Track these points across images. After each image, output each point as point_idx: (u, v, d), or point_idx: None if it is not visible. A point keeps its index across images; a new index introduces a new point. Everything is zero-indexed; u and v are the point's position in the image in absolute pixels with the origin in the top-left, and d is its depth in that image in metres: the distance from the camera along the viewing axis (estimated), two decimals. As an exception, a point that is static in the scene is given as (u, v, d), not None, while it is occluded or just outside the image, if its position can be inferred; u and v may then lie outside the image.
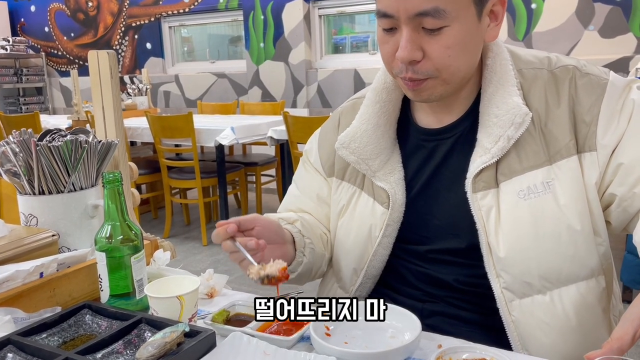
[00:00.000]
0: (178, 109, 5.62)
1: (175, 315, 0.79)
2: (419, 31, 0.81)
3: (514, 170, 0.86)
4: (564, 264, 0.84)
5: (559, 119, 0.85)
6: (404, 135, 1.00)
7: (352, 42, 5.06)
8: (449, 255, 0.93)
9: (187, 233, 4.05)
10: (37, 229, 0.93)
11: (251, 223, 0.89)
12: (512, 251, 0.85)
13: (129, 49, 5.98)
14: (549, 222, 0.84)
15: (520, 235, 0.85)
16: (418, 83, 0.85)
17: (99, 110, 1.05)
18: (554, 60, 0.91)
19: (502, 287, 0.87)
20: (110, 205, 0.84)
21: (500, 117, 0.86)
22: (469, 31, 0.83)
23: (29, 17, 6.67)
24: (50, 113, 6.62)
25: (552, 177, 0.84)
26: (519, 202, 0.85)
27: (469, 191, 0.88)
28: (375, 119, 0.98)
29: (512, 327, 0.87)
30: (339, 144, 0.99)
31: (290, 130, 3.31)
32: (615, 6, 3.75)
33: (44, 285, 0.84)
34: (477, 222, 0.87)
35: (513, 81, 0.88)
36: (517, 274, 0.85)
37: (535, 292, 0.85)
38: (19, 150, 0.92)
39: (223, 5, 5.32)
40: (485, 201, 0.87)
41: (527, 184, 0.85)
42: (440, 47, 0.81)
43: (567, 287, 0.85)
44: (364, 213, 0.99)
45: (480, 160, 0.87)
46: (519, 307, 0.86)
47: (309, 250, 0.97)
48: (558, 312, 0.85)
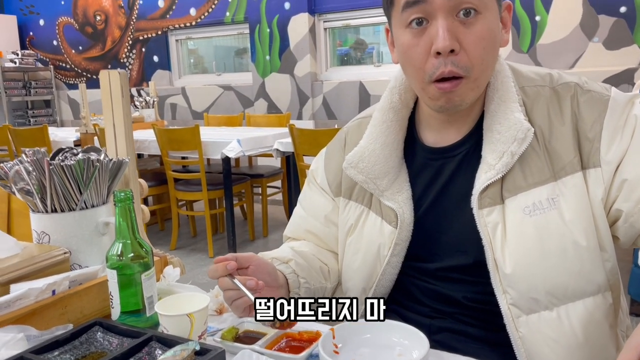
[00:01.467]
0: (184, 121, 5.66)
1: (185, 333, 0.80)
2: (454, 20, 0.82)
3: (519, 186, 0.86)
4: (570, 280, 0.84)
5: (563, 136, 0.86)
6: (410, 154, 1.01)
7: (357, 54, 5.09)
8: (457, 272, 0.94)
9: (194, 245, 4.06)
10: (49, 247, 0.94)
11: (247, 261, 0.89)
12: (518, 267, 0.85)
13: (137, 61, 6.04)
14: (554, 238, 0.84)
15: (526, 251, 0.85)
16: (454, 84, 0.85)
17: (110, 127, 1.06)
18: (556, 77, 0.92)
19: (508, 303, 0.87)
20: (121, 223, 0.86)
21: (503, 133, 0.87)
22: (496, 25, 0.86)
23: (37, 30, 6.75)
24: (58, 125, 6.68)
25: (557, 194, 0.85)
26: (524, 218, 0.85)
27: (474, 207, 0.88)
28: (382, 138, 0.98)
29: (519, 343, 0.87)
30: (346, 163, 1.00)
31: (296, 143, 3.33)
32: (620, 18, 3.76)
33: (56, 303, 0.85)
34: (484, 239, 0.88)
35: (515, 97, 0.89)
36: (523, 290, 0.85)
37: (542, 309, 0.85)
38: (32, 169, 0.94)
39: (229, 18, 5.38)
40: (491, 217, 0.87)
41: (533, 200, 0.85)
42: (475, 38, 0.82)
43: (574, 303, 0.85)
44: (372, 232, 0.99)
45: (486, 177, 0.87)
46: (526, 323, 0.86)
47: (304, 290, 0.97)
48: (565, 329, 0.85)
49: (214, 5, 5.43)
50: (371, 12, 4.73)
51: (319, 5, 4.89)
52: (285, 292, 0.96)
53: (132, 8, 5.94)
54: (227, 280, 0.86)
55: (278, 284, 0.94)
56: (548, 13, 3.97)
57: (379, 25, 4.85)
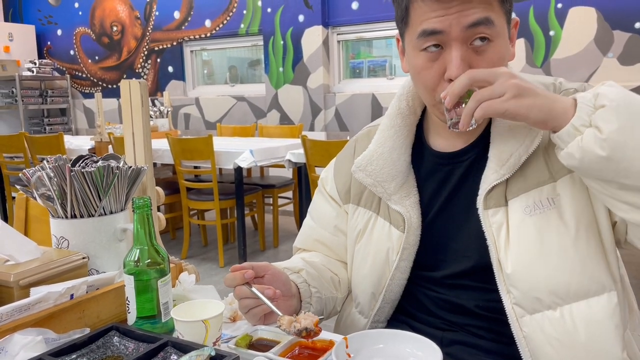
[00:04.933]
0: (198, 131, 5.71)
1: (200, 339, 0.81)
2: (467, 49, 0.85)
3: (521, 188, 0.88)
4: (572, 279, 0.84)
5: None
6: (418, 159, 1.02)
7: (370, 67, 5.11)
8: (465, 278, 0.95)
9: (205, 254, 4.08)
10: (68, 252, 0.96)
11: (263, 270, 0.91)
12: (519, 266, 0.86)
13: (151, 72, 6.11)
14: (554, 237, 0.85)
15: (526, 250, 0.86)
16: None
17: (129, 136, 1.08)
18: (558, 85, 0.95)
19: (512, 303, 0.88)
20: (139, 229, 0.87)
21: (512, 136, 0.89)
22: (506, 47, 0.89)
23: (55, 40, 6.87)
24: (74, 134, 6.77)
25: (557, 193, 0.86)
26: (525, 218, 0.87)
27: (480, 208, 0.90)
28: (390, 143, 1.00)
29: (523, 342, 0.87)
30: (355, 167, 1.02)
31: (308, 154, 3.34)
32: (635, 34, 3.76)
33: (74, 307, 0.86)
34: (488, 239, 0.89)
35: None
36: (526, 290, 0.86)
37: (545, 308, 0.86)
38: (53, 175, 0.96)
39: (244, 30, 5.44)
40: (496, 218, 0.89)
41: (533, 200, 0.87)
42: (487, 65, 0.85)
43: (578, 303, 0.85)
44: (380, 237, 1.00)
45: (493, 178, 0.89)
46: (530, 322, 0.87)
47: (315, 299, 0.99)
48: (568, 328, 0.85)
49: (229, 17, 5.50)
50: (384, 25, 4.76)
51: (332, 18, 4.93)
52: (297, 301, 0.97)
53: (149, 19, 6.03)
54: (244, 289, 0.87)
55: (291, 293, 0.95)
56: (562, 28, 3.98)
57: (391, 38, 4.88)
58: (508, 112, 0.77)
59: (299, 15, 4.97)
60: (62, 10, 6.74)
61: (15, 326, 0.78)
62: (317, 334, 0.82)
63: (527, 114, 0.77)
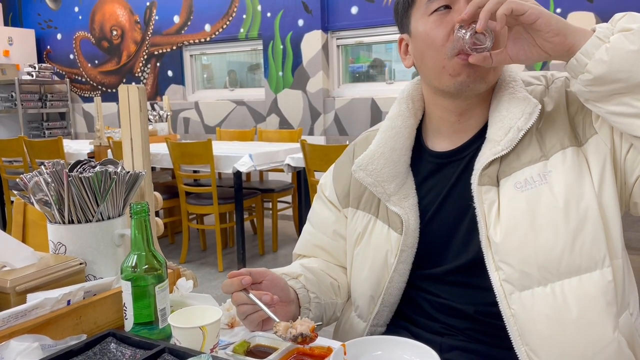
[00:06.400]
0: (197, 135, 5.71)
1: (197, 345, 0.80)
2: None
3: (513, 167, 0.89)
4: (563, 255, 0.84)
5: (552, 119, 0.91)
6: (417, 162, 1.03)
7: (369, 71, 5.12)
8: (460, 273, 0.95)
9: (203, 259, 4.07)
10: (65, 257, 0.95)
11: (261, 276, 0.91)
12: (509, 240, 0.86)
13: (151, 76, 6.12)
14: (545, 212, 0.85)
15: (517, 224, 0.87)
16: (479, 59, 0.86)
17: (127, 141, 1.08)
18: (549, 77, 0.97)
19: (501, 279, 0.87)
20: (137, 235, 0.87)
21: (511, 110, 0.90)
22: None
23: (55, 44, 6.88)
24: (73, 138, 6.77)
25: (549, 170, 0.87)
26: (516, 194, 0.88)
27: (474, 183, 0.91)
28: (391, 143, 1.01)
29: (511, 321, 0.87)
30: (355, 166, 1.02)
31: (307, 158, 3.34)
32: (633, 38, 3.76)
33: (71, 313, 0.86)
34: (479, 215, 0.90)
35: (521, 83, 0.94)
36: (515, 264, 0.86)
37: (535, 284, 0.85)
38: (51, 180, 0.95)
39: (243, 34, 5.44)
40: (489, 195, 0.90)
41: (524, 176, 0.88)
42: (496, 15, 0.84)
43: (570, 279, 0.84)
44: (379, 240, 1.00)
45: (490, 152, 0.90)
46: (519, 299, 0.86)
47: (314, 305, 0.99)
48: (559, 304, 0.84)
49: (229, 21, 5.51)
50: (383, 30, 4.77)
51: (332, 22, 4.94)
52: (296, 307, 0.97)
53: (148, 23, 6.04)
54: (242, 295, 0.87)
55: (290, 299, 0.95)
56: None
57: (391, 42, 4.88)
58: (530, 13, 0.77)
59: (299, 19, 4.97)
60: (61, 15, 6.75)
61: (11, 333, 0.78)
62: (314, 339, 0.82)
63: (549, 20, 0.77)
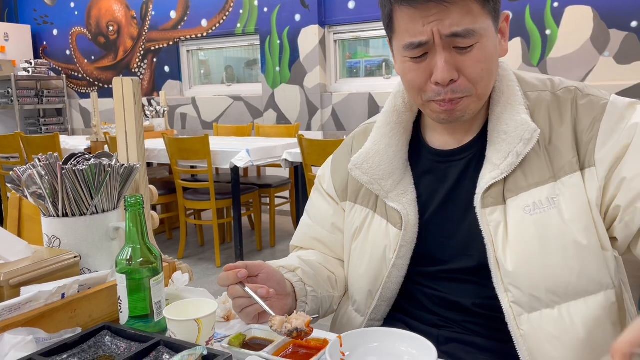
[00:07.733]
0: (194, 131, 5.70)
1: (192, 338, 0.80)
2: (451, 51, 0.84)
3: (520, 187, 0.88)
4: (571, 278, 0.84)
5: (562, 137, 0.88)
6: (415, 157, 1.02)
7: (367, 66, 5.11)
8: (462, 274, 0.94)
9: (201, 254, 4.07)
10: (59, 251, 0.95)
11: (257, 269, 0.91)
12: (519, 265, 0.86)
13: (148, 71, 6.10)
14: (554, 237, 0.85)
15: (526, 249, 0.86)
16: (455, 103, 0.87)
17: (122, 134, 1.07)
18: (557, 82, 0.95)
19: (510, 301, 0.87)
20: (131, 228, 0.86)
21: (510, 134, 0.88)
22: (494, 44, 0.88)
23: (51, 40, 6.85)
24: (69, 134, 6.74)
25: (557, 193, 0.86)
26: (525, 217, 0.86)
27: (477, 206, 0.90)
28: (386, 140, 1.00)
29: (520, 341, 0.87)
30: (352, 165, 1.01)
31: (304, 153, 3.34)
32: (631, 32, 3.76)
33: (65, 306, 0.85)
34: (486, 237, 0.89)
35: (521, 101, 0.91)
36: (524, 288, 0.86)
37: (543, 307, 0.86)
38: (44, 173, 0.95)
39: (240, 30, 5.42)
40: (494, 217, 0.89)
41: (533, 199, 0.87)
42: (473, 63, 0.85)
43: (576, 301, 0.85)
44: (377, 235, 1.00)
45: (490, 176, 0.89)
46: (528, 321, 0.86)
47: (311, 298, 0.98)
48: (567, 326, 0.85)
49: (226, 16, 5.49)
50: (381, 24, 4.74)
51: (329, 17, 4.92)
52: (293, 300, 0.96)
53: (145, 19, 6.01)
54: (237, 288, 0.86)
55: (286, 292, 0.95)
56: (559, 27, 3.98)
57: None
58: None
59: (296, 14, 4.96)
60: (58, 10, 6.71)
61: (5, 326, 0.77)
62: (309, 334, 0.82)
63: None
